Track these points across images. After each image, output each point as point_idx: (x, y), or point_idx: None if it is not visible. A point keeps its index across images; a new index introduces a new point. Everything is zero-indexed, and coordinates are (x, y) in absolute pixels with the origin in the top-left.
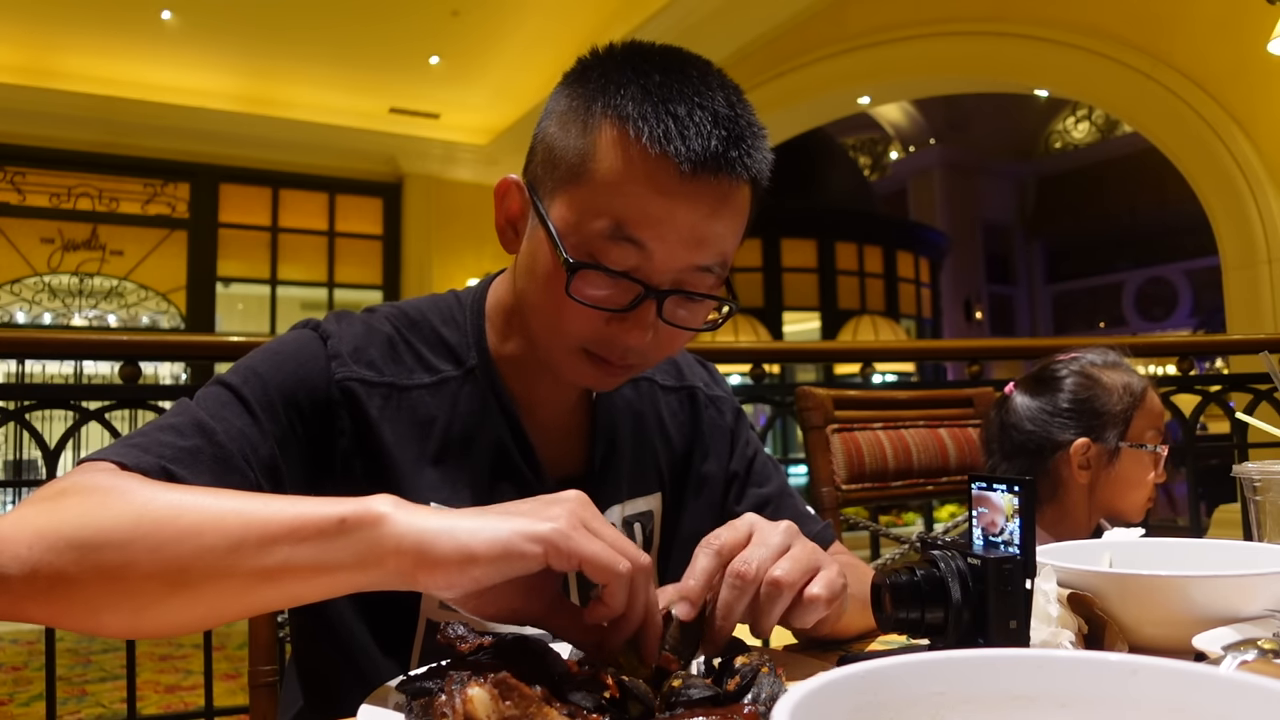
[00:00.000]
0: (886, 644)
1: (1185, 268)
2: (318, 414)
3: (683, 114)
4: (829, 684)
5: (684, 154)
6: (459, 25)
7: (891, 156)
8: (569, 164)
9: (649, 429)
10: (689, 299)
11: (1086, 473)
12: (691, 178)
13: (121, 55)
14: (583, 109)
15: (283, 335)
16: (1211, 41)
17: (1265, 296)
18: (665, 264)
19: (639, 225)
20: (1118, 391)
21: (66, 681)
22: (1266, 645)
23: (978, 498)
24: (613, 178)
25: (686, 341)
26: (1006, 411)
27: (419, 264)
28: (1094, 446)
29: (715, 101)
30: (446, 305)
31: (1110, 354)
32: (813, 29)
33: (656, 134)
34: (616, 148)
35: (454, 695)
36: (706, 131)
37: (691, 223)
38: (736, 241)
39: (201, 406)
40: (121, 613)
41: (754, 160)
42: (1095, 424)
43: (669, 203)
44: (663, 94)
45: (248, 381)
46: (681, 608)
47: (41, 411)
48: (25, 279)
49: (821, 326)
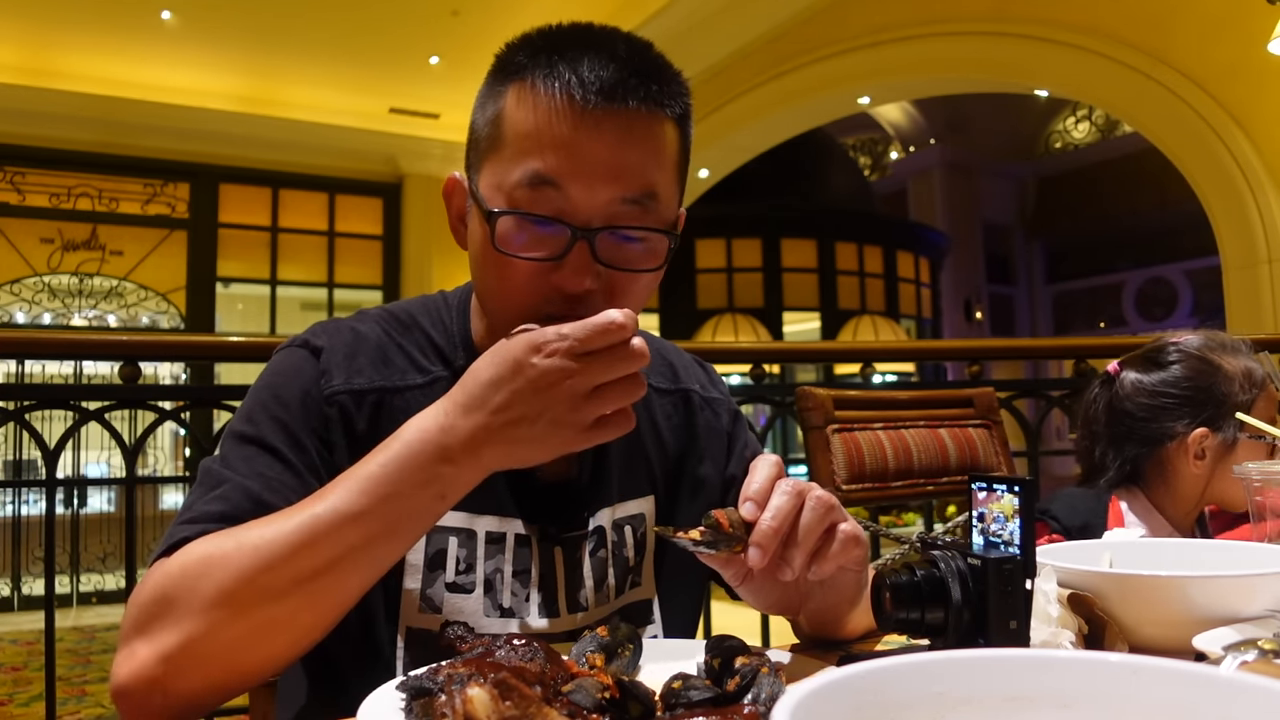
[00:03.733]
0: (886, 644)
1: (1185, 268)
2: (324, 429)
3: (577, 57)
4: (829, 684)
5: (579, 87)
6: (459, 25)
7: (891, 156)
8: (486, 135)
9: (641, 432)
10: (626, 238)
11: (1202, 462)
12: (592, 109)
13: (121, 55)
14: (492, 86)
15: (274, 361)
16: (1211, 41)
17: (1265, 296)
18: (586, 201)
19: (551, 166)
20: (1239, 379)
21: (66, 682)
22: (1266, 645)
23: (977, 498)
24: (520, 129)
25: (645, 292)
26: (1115, 392)
27: (419, 264)
28: (1212, 436)
29: (614, 46)
30: (435, 306)
31: (1226, 337)
32: (813, 29)
33: (552, 78)
34: (519, 103)
35: (454, 695)
36: (602, 65)
37: (600, 154)
38: (665, 178)
39: (231, 468)
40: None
41: (664, 92)
42: (1215, 413)
43: (574, 135)
44: (557, 48)
45: (264, 425)
46: (748, 508)
47: (41, 411)
48: (25, 279)
49: (821, 326)
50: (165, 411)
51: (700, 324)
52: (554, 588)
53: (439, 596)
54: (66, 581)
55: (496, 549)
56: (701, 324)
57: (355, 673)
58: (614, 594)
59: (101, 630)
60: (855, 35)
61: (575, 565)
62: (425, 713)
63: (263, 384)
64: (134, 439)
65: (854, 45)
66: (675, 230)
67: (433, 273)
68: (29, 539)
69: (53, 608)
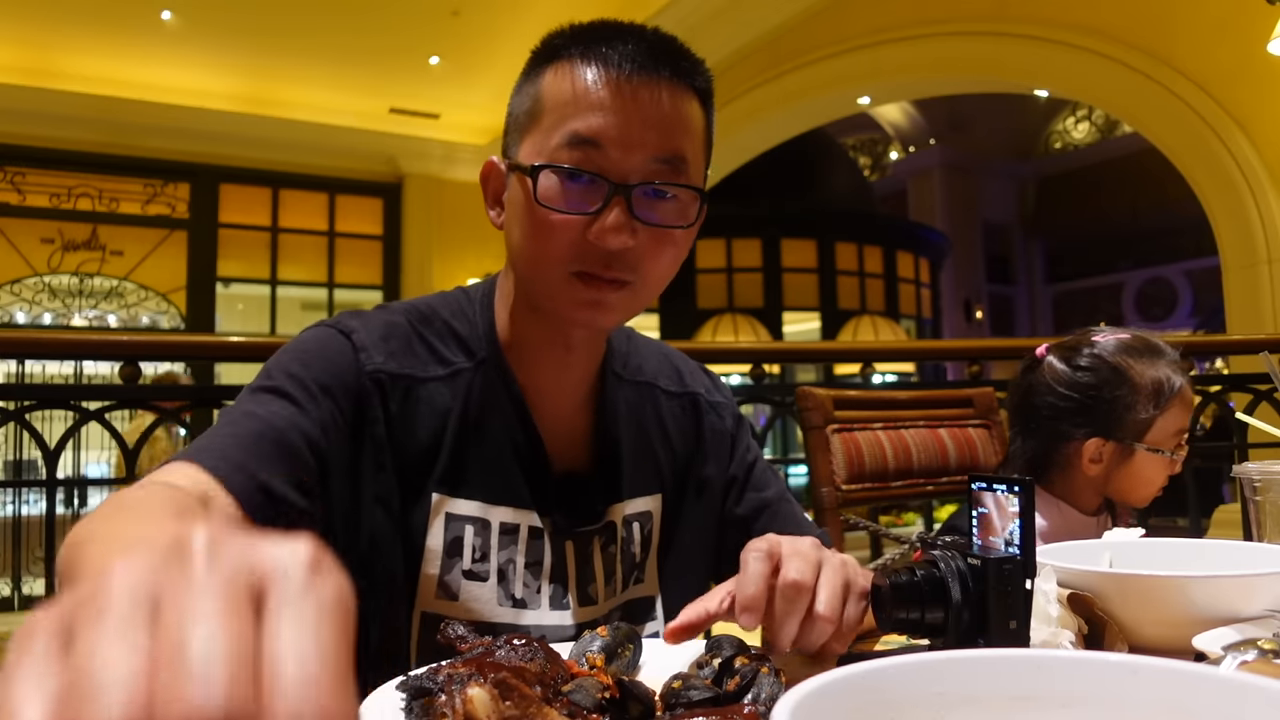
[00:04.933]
0: (886, 644)
1: (1185, 268)
2: (353, 404)
3: (611, 37)
4: (829, 684)
5: (616, 61)
6: (459, 25)
7: (891, 157)
8: (525, 113)
9: (650, 431)
10: (659, 195)
11: (1098, 466)
12: (628, 79)
13: (121, 55)
14: (529, 75)
15: (301, 335)
16: (1212, 41)
17: (1265, 296)
18: (623, 159)
19: (590, 127)
20: (1146, 391)
21: None
22: (1266, 645)
23: (977, 497)
24: (561, 99)
25: (675, 254)
26: (1032, 383)
27: (419, 264)
28: (1108, 445)
29: (643, 32)
30: (456, 300)
31: (1152, 339)
32: (813, 29)
33: (589, 56)
34: (558, 77)
35: (454, 695)
36: (635, 45)
37: (636, 116)
38: (693, 148)
39: (242, 407)
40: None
41: (691, 70)
42: (1114, 425)
43: (612, 100)
44: (592, 34)
45: (280, 378)
46: (746, 619)
47: (41, 411)
48: (25, 279)
49: (821, 326)
50: (165, 411)
51: (700, 324)
52: (565, 581)
53: (456, 583)
54: None
55: (510, 539)
56: (701, 324)
57: (368, 663)
58: (620, 589)
59: None
60: (855, 35)
61: (586, 559)
62: (425, 712)
63: (284, 349)
64: (134, 439)
65: (854, 45)
66: (702, 192)
67: (433, 273)
68: (29, 539)
69: None
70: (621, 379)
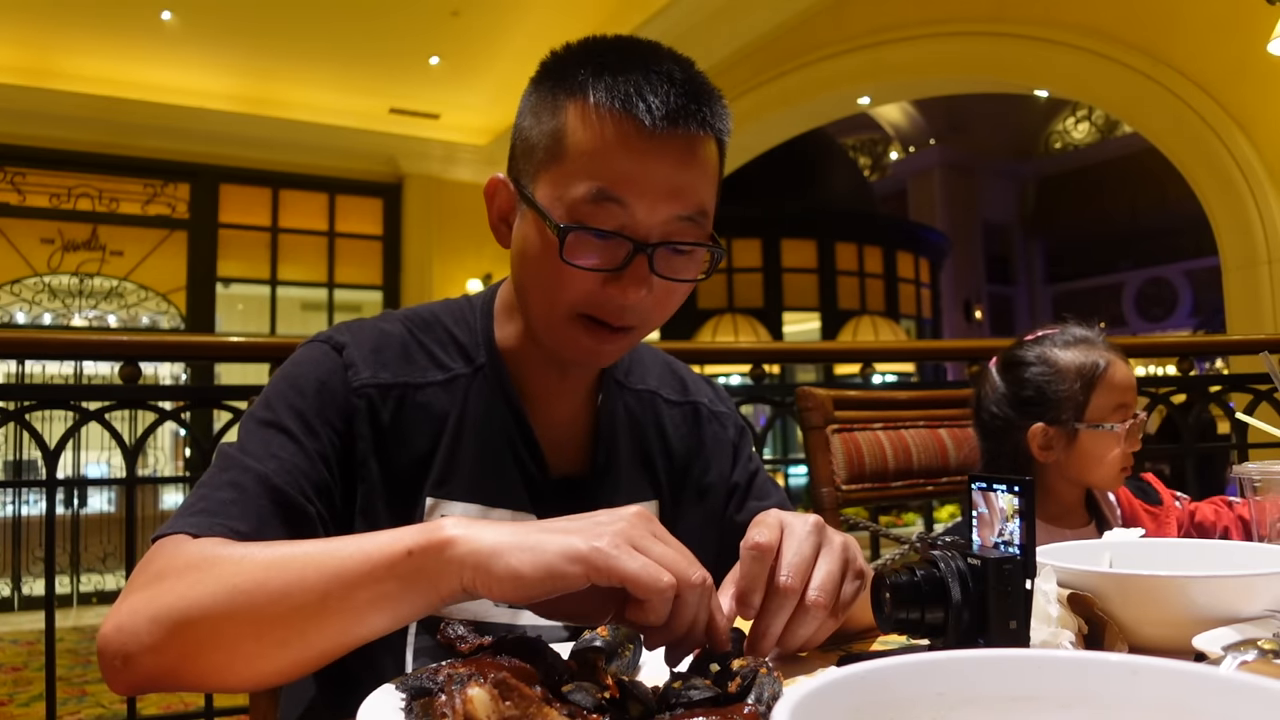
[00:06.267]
0: (886, 644)
1: (1185, 268)
2: (344, 422)
3: (639, 79)
4: (829, 684)
5: (645, 111)
6: (459, 25)
7: (891, 157)
8: (545, 147)
9: (649, 437)
10: (678, 251)
11: (1050, 453)
12: (657, 133)
13: (121, 55)
14: (549, 98)
15: (296, 354)
16: (1211, 42)
17: (1265, 296)
18: (648, 218)
19: (617, 184)
20: (1071, 374)
21: (66, 682)
22: (1266, 645)
23: (977, 498)
24: (585, 147)
25: (680, 300)
26: (981, 393)
27: (419, 264)
28: (1051, 429)
29: (667, 67)
30: (458, 307)
31: (1078, 331)
32: (813, 29)
33: (618, 99)
34: (584, 120)
35: (454, 695)
36: (663, 90)
37: (664, 174)
38: (711, 195)
39: (247, 453)
40: (236, 674)
41: (713, 115)
42: (1048, 409)
43: (640, 158)
44: (617, 68)
45: (281, 410)
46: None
47: (41, 412)
48: (25, 279)
49: (821, 327)
50: (165, 411)
51: (700, 324)
52: None
53: None
54: (67, 581)
55: None
56: (701, 324)
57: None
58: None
59: None
60: (855, 35)
61: None
62: (425, 713)
63: (281, 374)
64: (134, 439)
65: (854, 45)
66: (718, 243)
67: (433, 273)
68: (29, 539)
69: (53, 608)
70: (624, 387)
